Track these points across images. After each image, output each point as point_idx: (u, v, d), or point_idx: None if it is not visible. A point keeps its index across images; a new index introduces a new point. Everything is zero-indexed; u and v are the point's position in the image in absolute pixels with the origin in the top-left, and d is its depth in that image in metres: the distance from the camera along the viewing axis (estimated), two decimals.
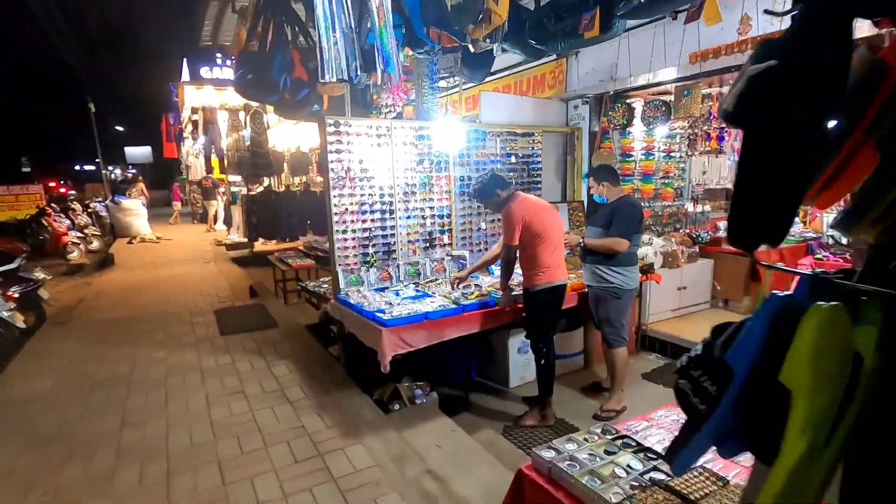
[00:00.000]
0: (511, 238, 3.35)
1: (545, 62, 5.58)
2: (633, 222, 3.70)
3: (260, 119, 10.97)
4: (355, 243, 4.17)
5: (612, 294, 3.72)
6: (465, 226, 4.78)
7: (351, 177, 4.08)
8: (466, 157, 4.70)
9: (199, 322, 5.63)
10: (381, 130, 4.20)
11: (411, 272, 4.44)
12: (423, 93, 4.91)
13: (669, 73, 4.20)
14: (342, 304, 3.92)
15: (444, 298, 3.76)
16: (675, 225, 5.80)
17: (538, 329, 3.52)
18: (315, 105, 3.58)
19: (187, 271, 9.62)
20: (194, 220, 18.55)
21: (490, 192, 3.47)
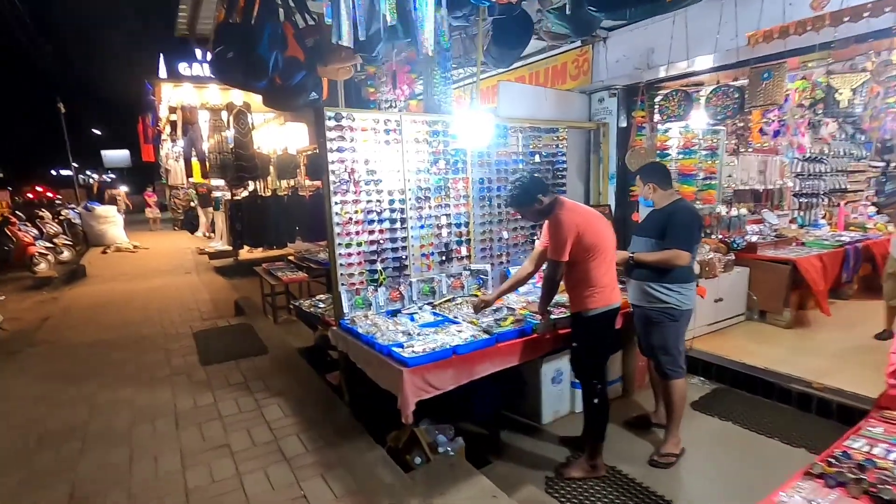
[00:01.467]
0: (560, 253, 2.73)
1: (567, 50, 4.99)
2: (693, 231, 3.13)
3: (244, 119, 10.23)
4: (361, 258, 3.51)
5: (668, 316, 3.13)
6: (485, 235, 4.15)
7: (356, 180, 3.43)
8: (486, 156, 4.07)
9: (176, 348, 4.90)
10: (391, 125, 3.55)
11: (425, 291, 3.80)
12: (433, 83, 4.28)
13: (724, 57, 3.62)
14: (347, 333, 3.26)
15: (470, 325, 3.12)
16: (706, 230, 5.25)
17: (592, 361, 2.91)
18: (313, 93, 2.92)
19: (166, 283, 8.84)
20: (175, 227, 17.64)
21: (530, 199, 2.85)
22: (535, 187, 2.86)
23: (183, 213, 17.39)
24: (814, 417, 3.65)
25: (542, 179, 2.97)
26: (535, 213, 2.92)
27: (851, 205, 8.01)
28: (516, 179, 2.92)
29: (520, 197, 2.87)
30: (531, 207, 2.88)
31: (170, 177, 16.90)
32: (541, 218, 2.98)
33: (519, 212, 3.00)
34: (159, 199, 19.21)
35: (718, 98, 3.50)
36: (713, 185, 4.37)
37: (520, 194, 2.87)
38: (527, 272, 3.27)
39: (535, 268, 3.25)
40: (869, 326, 4.98)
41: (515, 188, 2.88)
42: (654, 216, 3.25)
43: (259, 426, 3.25)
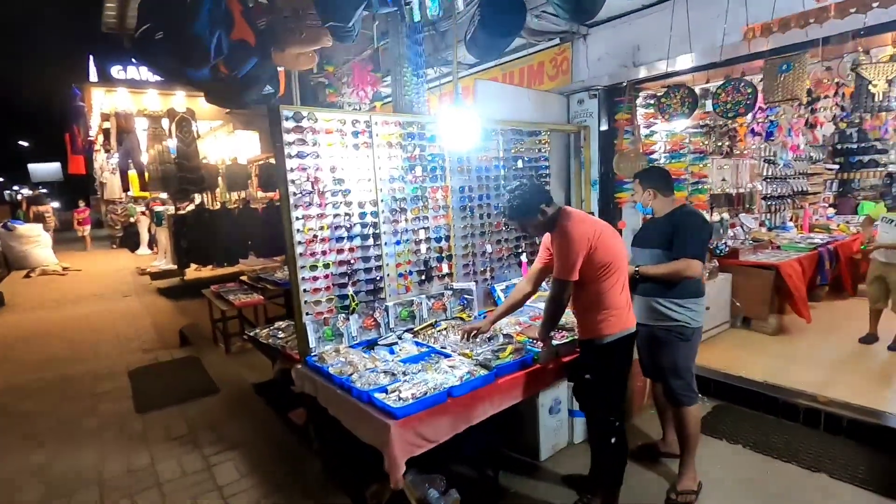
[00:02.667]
0: (569, 271, 2.34)
1: (545, 48, 4.67)
2: (705, 238, 2.84)
3: (188, 126, 9.39)
4: (329, 282, 3.00)
5: (679, 335, 2.80)
6: (467, 250, 3.72)
7: (320, 190, 2.91)
8: (466, 161, 3.65)
9: (106, 391, 4.17)
10: (359, 126, 3.07)
11: (403, 315, 3.32)
12: (403, 82, 3.83)
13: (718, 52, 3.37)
14: (316, 373, 2.73)
15: (463, 358, 2.66)
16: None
17: (608, 395, 2.51)
18: (267, 86, 2.41)
19: (99, 310, 7.89)
20: (113, 245, 16.25)
21: (532, 210, 2.44)
22: (538, 196, 2.46)
23: (122, 229, 16.09)
24: (825, 435, 3.42)
25: (544, 187, 2.57)
26: (538, 226, 2.52)
27: (811, 206, 8.15)
28: (515, 188, 2.50)
29: (521, 208, 2.45)
30: (533, 220, 2.47)
31: (105, 191, 15.58)
32: (543, 231, 2.58)
33: (519, 225, 2.59)
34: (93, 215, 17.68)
35: (728, 94, 3.23)
36: (703, 189, 4.14)
37: (521, 205, 2.45)
38: (524, 293, 2.86)
39: (533, 288, 2.86)
40: (850, 329, 4.93)
41: (515, 198, 2.46)
42: (657, 225, 2.93)
43: (209, 493, 2.66)
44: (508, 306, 2.89)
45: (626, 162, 4.07)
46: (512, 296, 2.92)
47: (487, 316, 2.99)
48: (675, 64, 3.61)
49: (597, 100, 4.54)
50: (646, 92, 4.49)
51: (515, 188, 2.50)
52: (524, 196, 2.45)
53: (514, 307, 2.92)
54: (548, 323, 2.61)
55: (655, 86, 4.53)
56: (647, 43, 3.88)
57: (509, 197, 2.50)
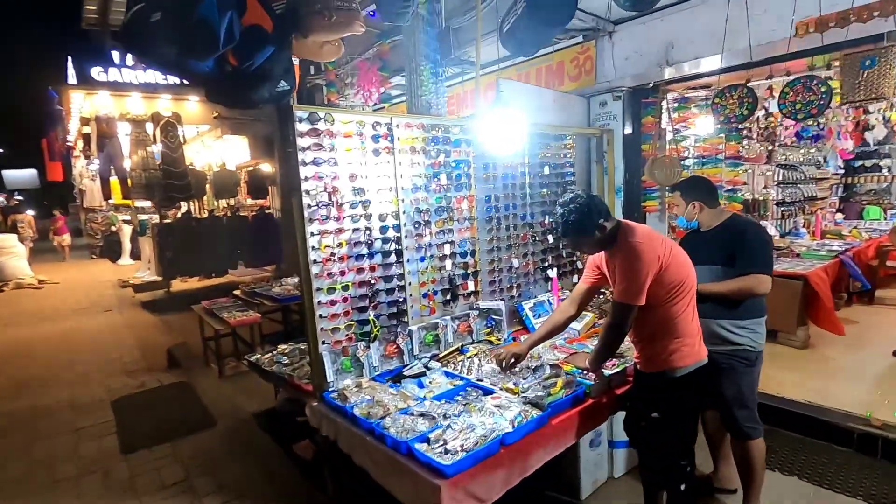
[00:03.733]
0: (636, 294, 2.02)
1: (565, 47, 4.37)
2: (770, 250, 2.56)
3: (173, 131, 8.97)
4: (348, 306, 2.63)
5: (742, 360, 2.52)
6: (493, 265, 3.39)
7: (338, 202, 2.56)
8: (491, 168, 3.32)
9: (88, 427, 3.72)
10: (380, 129, 2.72)
11: (428, 340, 2.97)
12: (420, 81, 3.49)
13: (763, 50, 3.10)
14: (336, 414, 2.36)
15: (507, 394, 2.32)
16: None
17: (680, 436, 2.19)
18: (282, 82, 2.05)
19: (79, 326, 7.38)
20: (93, 255, 15.57)
21: (591, 225, 2.12)
22: (596, 210, 2.14)
23: (102, 238, 15.44)
24: (885, 464, 3.15)
25: (602, 199, 2.25)
26: (595, 244, 2.20)
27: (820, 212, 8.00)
28: (569, 200, 2.17)
29: (578, 224, 2.12)
30: (590, 237, 2.15)
31: (85, 198, 14.94)
32: (599, 249, 2.25)
33: (573, 243, 2.26)
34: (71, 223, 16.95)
35: (798, 93, 2.95)
36: (738, 197, 3.87)
37: (578, 221, 2.12)
38: (566, 316, 2.54)
39: (577, 310, 2.55)
40: (879, 341, 4.72)
41: (570, 212, 2.13)
42: (708, 238, 2.64)
43: None
44: (548, 330, 2.56)
45: (661, 168, 3.78)
46: (552, 318, 2.60)
47: (524, 340, 2.66)
48: (716, 62, 3.33)
49: (621, 102, 4.26)
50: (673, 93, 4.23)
51: (570, 201, 2.18)
52: (581, 210, 2.12)
53: (555, 331, 2.60)
54: (604, 352, 2.29)
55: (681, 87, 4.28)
56: (683, 40, 3.60)
57: (563, 211, 2.17)
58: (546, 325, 2.59)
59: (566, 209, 2.15)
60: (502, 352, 2.56)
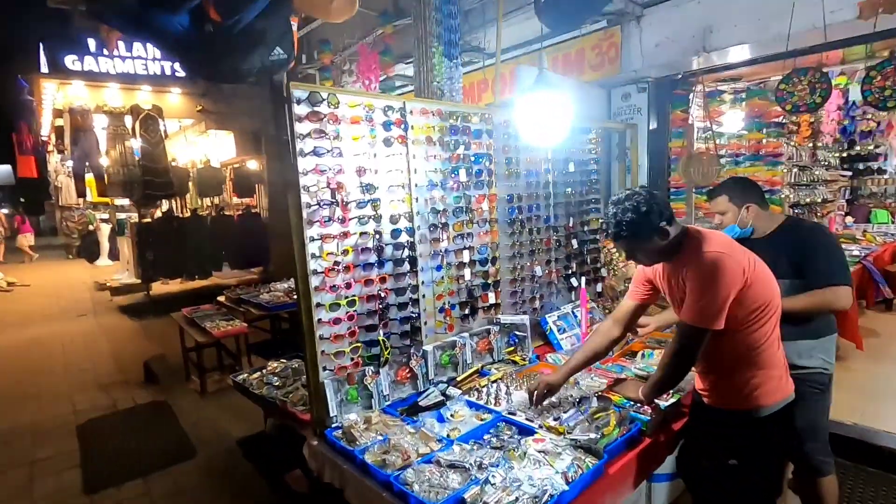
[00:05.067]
0: (714, 316, 1.64)
1: (587, 33, 3.99)
2: (843, 257, 2.23)
3: (154, 125, 8.42)
4: (354, 325, 2.22)
5: (815, 385, 2.17)
6: (515, 273, 2.99)
7: (343, 200, 2.14)
8: (514, 164, 2.93)
9: (47, 458, 3.24)
10: (392, 115, 2.31)
11: (444, 361, 2.56)
12: (431, 65, 3.09)
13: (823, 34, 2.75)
14: (343, 459, 1.94)
15: (551, 434, 1.92)
16: None
17: (763, 486, 1.82)
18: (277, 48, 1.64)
19: (50, 333, 6.84)
20: (69, 256, 14.86)
21: (649, 228, 1.73)
22: (658, 210, 1.75)
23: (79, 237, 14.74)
24: None
25: (666, 199, 1.86)
26: (654, 252, 1.81)
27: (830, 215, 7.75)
28: (625, 197, 1.78)
29: (636, 225, 1.73)
30: (649, 242, 1.76)
31: (61, 195, 14.24)
32: (658, 258, 1.86)
33: (627, 248, 1.86)
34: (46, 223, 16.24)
35: (888, 76, 2.58)
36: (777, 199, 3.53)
37: (636, 222, 1.73)
38: (610, 339, 2.16)
39: (622, 332, 2.17)
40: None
41: (626, 210, 1.74)
42: (771, 246, 2.27)
43: None
44: (588, 356, 2.16)
45: (698, 166, 3.42)
46: (592, 342, 2.20)
47: (559, 367, 2.27)
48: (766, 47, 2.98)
49: (646, 93, 3.90)
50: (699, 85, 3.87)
51: (626, 198, 1.78)
52: (639, 209, 1.73)
53: (596, 357, 2.20)
54: (665, 382, 1.91)
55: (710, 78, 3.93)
56: (724, 24, 3.25)
57: (617, 210, 1.77)
58: (585, 349, 2.19)
59: (621, 207, 1.76)
60: (534, 382, 2.16)
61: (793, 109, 2.81)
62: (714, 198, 2.40)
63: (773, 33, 3.00)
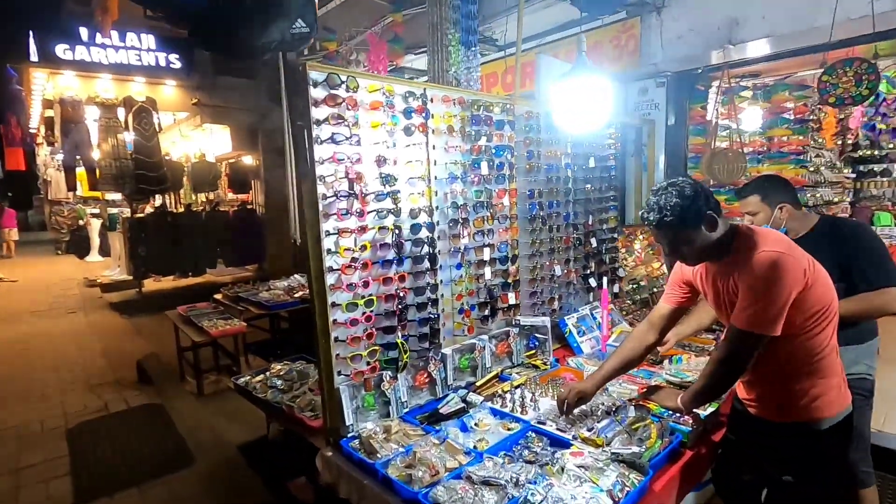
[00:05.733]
0: (772, 321, 1.51)
1: (604, 25, 3.85)
2: (890, 257, 2.10)
3: (148, 118, 8.20)
4: (371, 326, 2.06)
5: (859, 392, 2.04)
6: (535, 273, 2.85)
7: (362, 192, 1.99)
8: (535, 157, 2.78)
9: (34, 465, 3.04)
10: (414, 101, 2.16)
11: (463, 365, 2.41)
12: (447, 54, 2.93)
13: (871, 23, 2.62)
14: (360, 471, 1.79)
15: (587, 447, 1.77)
16: None
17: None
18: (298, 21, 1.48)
19: (37, 331, 6.60)
20: (58, 251, 14.54)
21: (695, 214, 1.60)
22: (705, 199, 1.61)
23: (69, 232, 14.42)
24: None
25: (710, 190, 1.72)
26: (702, 247, 1.66)
27: None
28: (669, 184, 1.64)
29: (683, 209, 1.58)
30: (696, 234, 1.62)
31: (50, 190, 13.92)
32: (702, 256, 1.72)
33: (669, 240, 1.71)
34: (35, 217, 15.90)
35: None
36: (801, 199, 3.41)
37: (683, 205, 1.57)
38: (645, 345, 2.01)
39: (657, 337, 2.02)
40: None
41: (671, 195, 1.59)
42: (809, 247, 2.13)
43: None
44: (621, 363, 2.01)
45: (722, 163, 3.29)
46: (626, 348, 2.04)
47: (589, 374, 2.12)
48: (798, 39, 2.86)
49: (665, 88, 3.77)
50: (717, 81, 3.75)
51: (670, 185, 1.64)
52: (684, 193, 1.58)
53: (630, 365, 2.05)
54: (711, 391, 1.77)
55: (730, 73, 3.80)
56: (752, 16, 3.12)
57: (659, 197, 1.63)
58: (618, 356, 2.04)
59: (664, 193, 1.61)
60: (564, 391, 2.00)
61: (836, 102, 2.69)
62: (745, 197, 2.27)
63: (806, 25, 2.88)
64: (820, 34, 2.81)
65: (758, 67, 3.61)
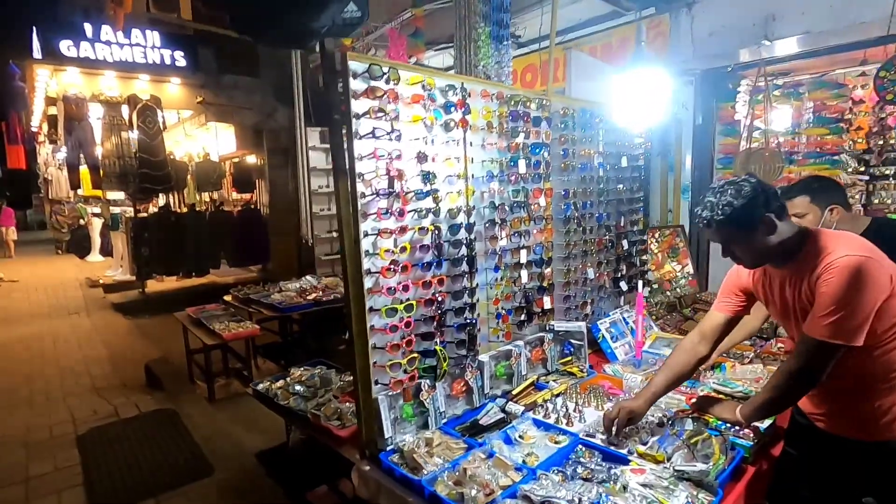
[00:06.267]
0: (855, 331, 1.41)
1: (631, 21, 3.75)
2: None
3: (152, 116, 8.08)
4: (409, 332, 1.95)
5: None
6: (568, 276, 2.74)
7: (403, 191, 1.88)
8: (570, 155, 2.68)
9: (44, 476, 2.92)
10: (454, 95, 2.05)
11: (500, 373, 2.31)
12: (476, 47, 2.83)
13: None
14: (403, 488, 1.68)
15: (646, 463, 1.66)
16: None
17: None
18: (351, 5, 1.38)
19: (39, 332, 6.48)
20: (58, 251, 14.39)
21: (749, 221, 1.50)
22: (764, 199, 1.51)
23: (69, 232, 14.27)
24: None
25: (776, 189, 1.61)
26: (761, 250, 1.56)
27: None
28: (728, 183, 1.54)
29: (739, 212, 1.48)
30: (753, 236, 1.52)
31: (51, 188, 13.77)
32: (761, 258, 1.61)
33: (727, 240, 1.60)
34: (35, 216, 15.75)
35: None
36: None
37: (741, 207, 1.48)
38: (697, 358, 1.88)
39: (710, 349, 1.88)
40: None
41: (727, 193, 1.50)
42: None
43: None
44: (672, 377, 1.87)
45: (758, 163, 3.19)
46: (676, 361, 1.89)
47: (640, 390, 2.00)
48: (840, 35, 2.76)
49: (693, 86, 3.67)
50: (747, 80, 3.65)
51: (729, 183, 1.54)
52: (741, 197, 1.48)
53: (681, 379, 1.91)
54: (777, 405, 1.67)
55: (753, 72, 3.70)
56: (789, 10, 3.03)
57: (714, 197, 1.53)
58: (667, 369, 1.90)
59: (721, 193, 1.51)
60: (614, 409, 1.88)
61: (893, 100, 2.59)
62: (792, 198, 2.16)
63: (848, 21, 2.79)
64: (864, 30, 2.72)
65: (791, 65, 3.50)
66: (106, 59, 7.75)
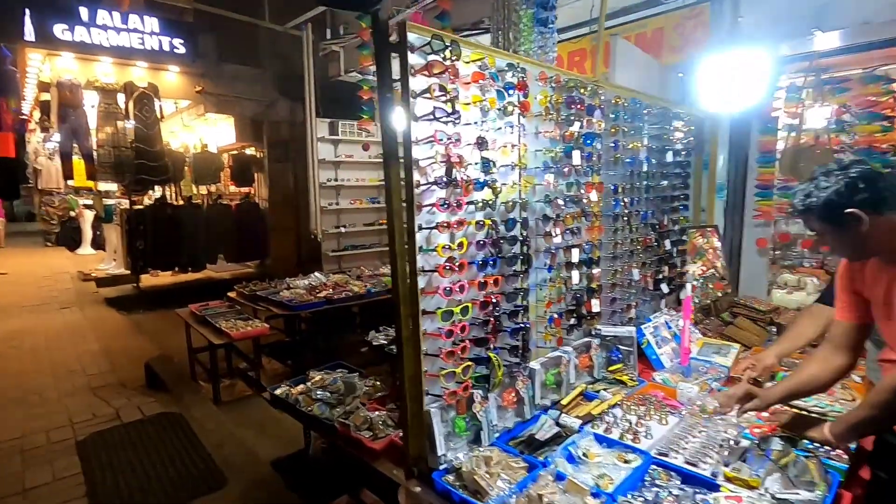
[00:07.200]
0: None
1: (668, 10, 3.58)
2: None
3: (149, 105, 7.80)
4: (464, 338, 1.75)
5: None
6: (615, 277, 2.56)
7: (463, 179, 1.68)
8: (620, 148, 2.50)
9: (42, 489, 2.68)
10: (513, 76, 1.86)
11: (549, 381, 2.12)
12: (518, 31, 2.63)
13: None
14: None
15: (741, 489, 1.49)
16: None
17: None
18: None
19: (29, 327, 6.19)
20: (48, 243, 13.98)
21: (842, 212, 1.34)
22: (872, 191, 1.34)
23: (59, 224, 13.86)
24: None
25: (880, 174, 1.44)
26: (856, 244, 1.40)
27: None
28: (831, 169, 1.38)
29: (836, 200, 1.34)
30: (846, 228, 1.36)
31: (41, 179, 13.34)
32: (864, 254, 1.45)
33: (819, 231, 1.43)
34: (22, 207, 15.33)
35: None
36: None
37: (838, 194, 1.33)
38: (835, 368, 1.63)
39: (849, 360, 1.63)
40: None
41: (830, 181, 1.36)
42: None
43: None
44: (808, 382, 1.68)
45: (809, 161, 3.03)
46: (810, 372, 1.67)
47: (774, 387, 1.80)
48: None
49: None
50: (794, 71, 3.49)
51: (832, 170, 1.38)
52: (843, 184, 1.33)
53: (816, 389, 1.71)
54: (876, 424, 1.51)
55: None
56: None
57: (813, 182, 1.38)
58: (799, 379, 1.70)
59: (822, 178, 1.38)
60: (731, 391, 1.76)
61: None
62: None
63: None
64: None
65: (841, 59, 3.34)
66: (102, 44, 7.45)
